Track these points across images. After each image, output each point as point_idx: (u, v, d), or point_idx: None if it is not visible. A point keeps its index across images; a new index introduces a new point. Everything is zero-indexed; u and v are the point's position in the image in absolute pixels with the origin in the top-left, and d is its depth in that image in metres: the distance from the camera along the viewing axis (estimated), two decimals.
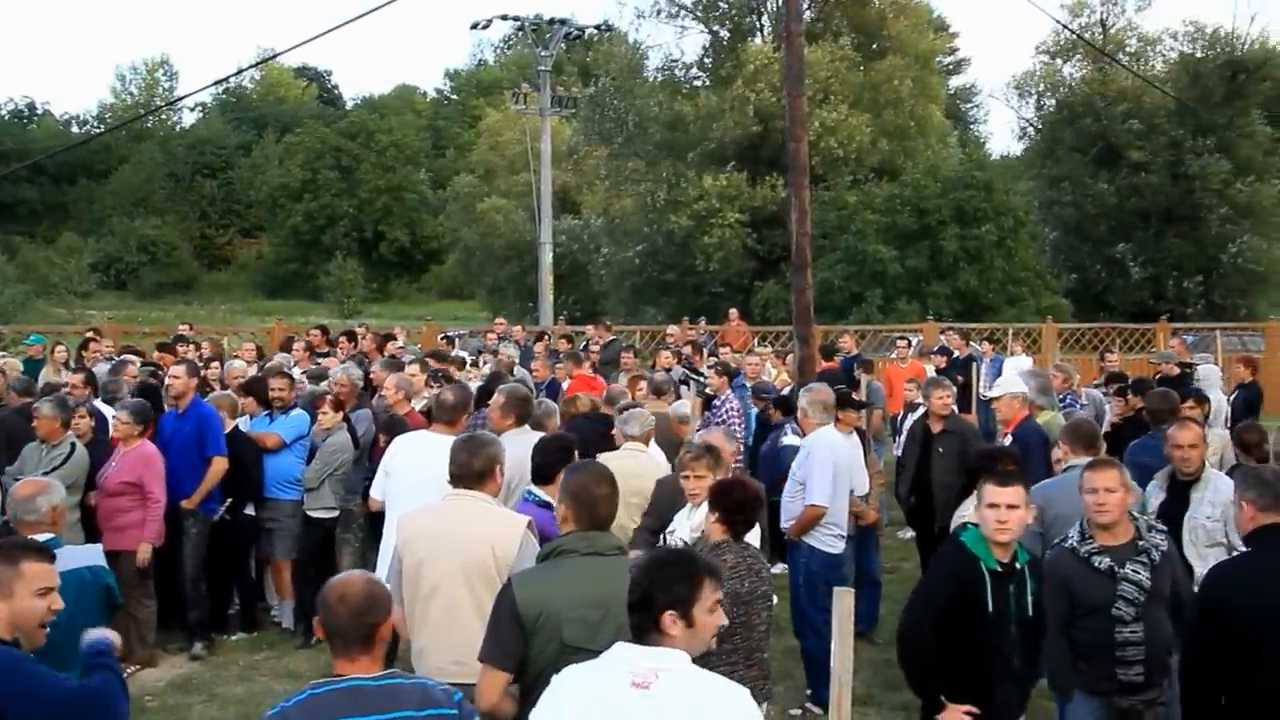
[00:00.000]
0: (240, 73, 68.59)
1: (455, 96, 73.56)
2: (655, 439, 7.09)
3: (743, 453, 9.68)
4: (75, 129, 68.04)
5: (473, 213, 43.60)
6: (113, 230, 56.12)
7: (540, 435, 6.41)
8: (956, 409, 8.83)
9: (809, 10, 32.30)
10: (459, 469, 4.48)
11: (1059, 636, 4.82)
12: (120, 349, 13.20)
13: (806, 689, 7.00)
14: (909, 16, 34.79)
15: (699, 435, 7.15)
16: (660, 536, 5.75)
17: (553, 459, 5.27)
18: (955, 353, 14.39)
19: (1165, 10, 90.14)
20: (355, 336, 13.31)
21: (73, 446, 7.73)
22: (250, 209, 61.69)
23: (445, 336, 19.20)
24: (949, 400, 8.47)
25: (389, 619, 3.16)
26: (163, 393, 8.89)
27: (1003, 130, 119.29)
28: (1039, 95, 39.79)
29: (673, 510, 5.80)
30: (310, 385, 9.61)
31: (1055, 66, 38.89)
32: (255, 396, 8.91)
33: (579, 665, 3.03)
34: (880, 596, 8.43)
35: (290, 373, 9.68)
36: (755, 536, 5.07)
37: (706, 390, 10.54)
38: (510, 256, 41.01)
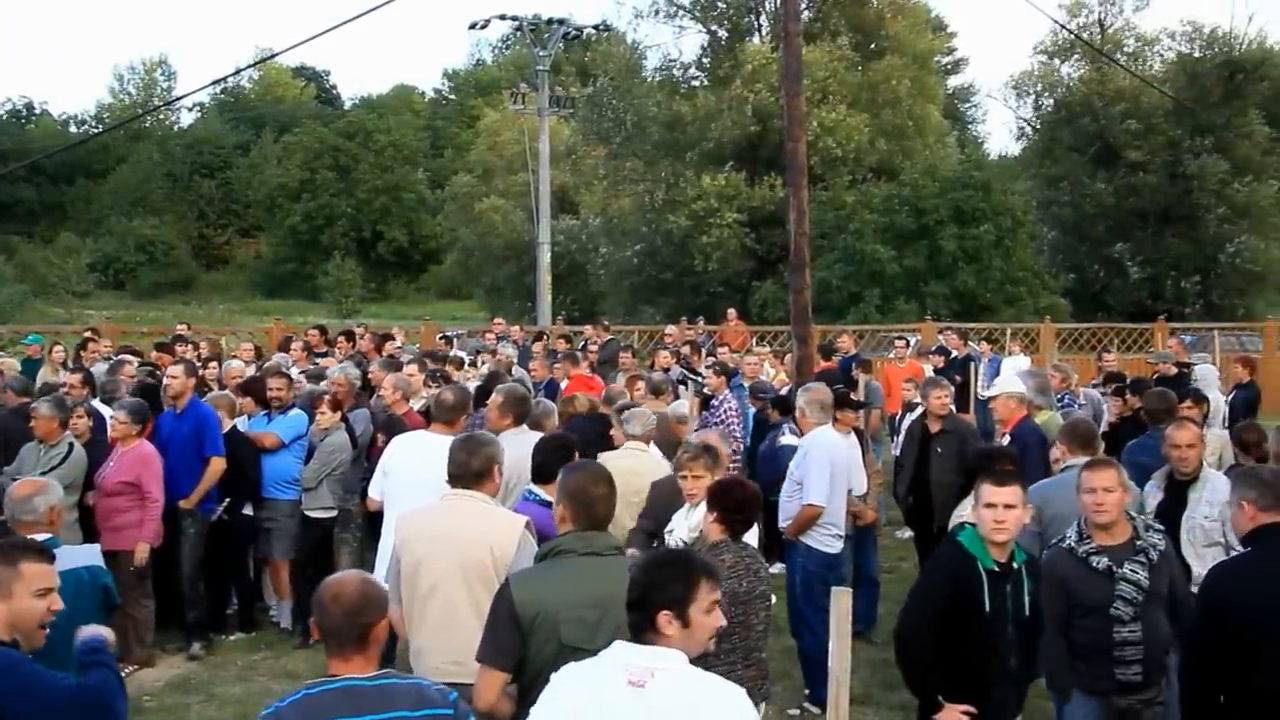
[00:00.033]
0: (238, 73, 68.75)
1: (453, 96, 73.53)
2: (654, 439, 7.09)
3: (741, 452, 9.70)
4: (73, 129, 68.00)
5: (471, 213, 43.61)
6: (111, 230, 56.03)
7: (538, 435, 6.42)
8: (954, 409, 8.84)
9: (807, 10, 32.31)
10: (457, 469, 4.48)
11: (1057, 636, 4.82)
12: (118, 349, 13.19)
13: (804, 689, 7.00)
14: (907, 16, 34.80)
15: (695, 435, 7.14)
16: (655, 538, 5.75)
17: (553, 458, 5.28)
18: (953, 352, 14.37)
19: (1163, 10, 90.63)
20: (353, 336, 13.30)
21: (71, 446, 7.72)
22: (248, 209, 61.62)
23: (443, 336, 19.23)
24: (947, 400, 8.47)
25: (383, 619, 3.15)
26: (161, 393, 8.87)
27: (1001, 130, 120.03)
28: (1037, 95, 39.81)
29: (669, 511, 5.80)
30: (308, 385, 9.62)
31: (1053, 66, 38.95)
32: (253, 396, 8.91)
33: (577, 664, 3.03)
34: (878, 596, 8.42)
35: (288, 373, 9.68)
36: (753, 536, 5.07)
37: (705, 390, 10.52)
38: (508, 256, 41.01)
